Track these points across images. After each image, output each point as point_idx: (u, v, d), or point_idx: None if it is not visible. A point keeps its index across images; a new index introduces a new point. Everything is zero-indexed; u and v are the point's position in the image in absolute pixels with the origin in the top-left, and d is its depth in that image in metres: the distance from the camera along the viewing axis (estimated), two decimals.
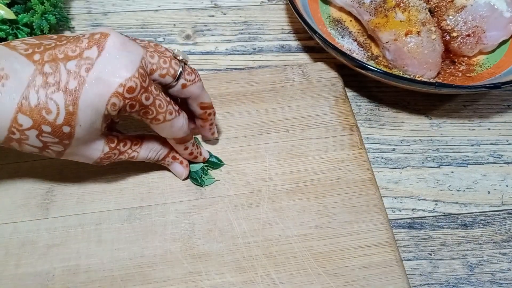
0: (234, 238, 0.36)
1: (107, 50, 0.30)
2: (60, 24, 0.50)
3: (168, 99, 0.33)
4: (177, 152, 0.38)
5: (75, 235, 0.36)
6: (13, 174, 0.39)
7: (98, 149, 0.33)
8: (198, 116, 0.38)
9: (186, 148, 0.37)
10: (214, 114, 0.38)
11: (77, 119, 0.30)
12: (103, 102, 0.29)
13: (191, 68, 0.35)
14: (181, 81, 0.34)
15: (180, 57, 0.34)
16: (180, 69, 0.33)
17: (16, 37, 0.44)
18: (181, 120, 0.34)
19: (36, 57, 0.30)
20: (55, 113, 0.29)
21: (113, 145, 0.34)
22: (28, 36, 0.45)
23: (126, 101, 0.30)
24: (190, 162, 0.39)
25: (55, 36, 0.32)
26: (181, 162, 0.38)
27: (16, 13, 0.44)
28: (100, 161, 0.34)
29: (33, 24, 0.45)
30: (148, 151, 0.36)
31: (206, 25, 0.54)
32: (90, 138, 0.32)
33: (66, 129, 0.30)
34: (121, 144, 0.34)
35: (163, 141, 0.37)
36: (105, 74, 0.29)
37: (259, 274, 0.34)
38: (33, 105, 0.29)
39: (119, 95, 0.29)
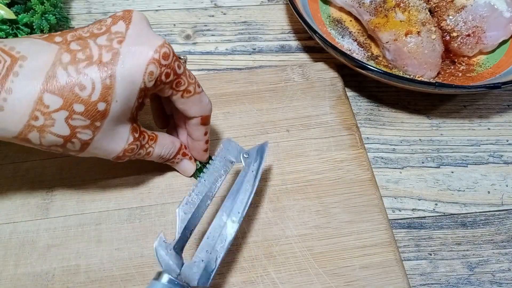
0: (234, 238, 0.36)
1: (134, 23, 0.30)
2: (60, 24, 0.50)
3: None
4: (186, 148, 0.38)
5: (75, 235, 0.36)
6: (13, 174, 0.39)
7: (124, 138, 0.32)
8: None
9: (206, 133, 0.36)
10: (209, 124, 0.37)
11: (114, 93, 0.28)
12: (141, 72, 0.29)
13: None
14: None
15: (182, 57, 0.35)
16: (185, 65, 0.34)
17: (16, 37, 0.44)
18: (206, 96, 0.34)
19: (58, 39, 0.29)
20: (90, 89, 0.27)
21: (136, 135, 0.33)
22: None
23: (163, 69, 0.30)
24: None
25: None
26: (190, 158, 0.38)
27: (16, 13, 0.44)
28: (123, 154, 0.32)
29: (33, 24, 0.45)
30: (161, 148, 0.35)
31: (206, 25, 0.54)
32: (121, 120, 0.30)
33: (102, 106, 0.28)
34: (141, 137, 0.33)
35: (173, 140, 0.37)
36: (139, 44, 0.29)
37: (259, 274, 0.34)
38: (64, 83, 0.27)
39: (156, 61, 0.29)
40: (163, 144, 0.36)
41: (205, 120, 0.35)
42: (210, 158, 0.39)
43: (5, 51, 0.27)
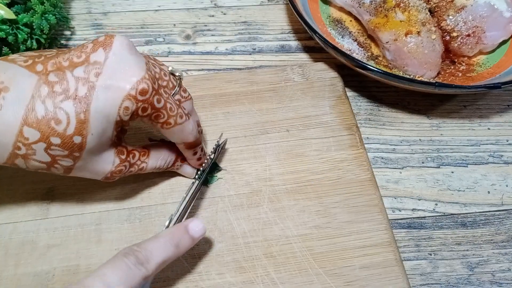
0: (234, 238, 0.36)
1: (114, 51, 0.29)
2: (60, 24, 0.50)
3: (177, 102, 0.32)
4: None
5: (75, 235, 0.36)
6: (13, 174, 0.39)
7: (109, 162, 0.32)
8: None
9: (195, 153, 0.36)
10: (197, 146, 0.36)
11: (89, 127, 0.28)
12: (116, 107, 0.28)
13: (184, 86, 0.35)
14: (177, 96, 0.33)
15: (177, 74, 0.34)
16: (178, 84, 0.33)
17: (16, 37, 0.44)
18: (191, 124, 0.33)
19: (39, 67, 0.29)
20: (65, 123, 0.28)
21: (123, 157, 0.33)
22: (28, 37, 0.45)
23: (139, 104, 0.29)
24: None
25: (55, 49, 0.31)
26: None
27: (16, 13, 0.44)
28: (111, 175, 0.33)
29: (33, 24, 0.45)
30: (156, 160, 0.35)
31: (206, 25, 0.54)
32: (101, 148, 0.31)
33: (77, 139, 0.29)
34: (130, 156, 0.33)
35: (169, 148, 0.36)
36: (116, 77, 0.28)
37: (259, 274, 0.34)
38: (40, 117, 0.27)
39: (132, 97, 0.28)
40: (158, 156, 0.35)
41: (188, 146, 0.35)
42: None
43: None
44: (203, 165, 0.37)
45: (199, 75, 0.47)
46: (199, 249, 0.35)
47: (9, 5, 0.44)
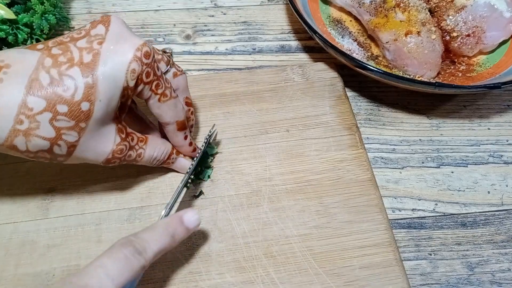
0: (234, 238, 0.36)
1: (113, 26, 0.30)
2: (60, 24, 0.50)
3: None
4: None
5: (75, 235, 0.36)
6: (13, 174, 0.39)
7: (110, 139, 0.31)
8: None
9: (186, 137, 0.37)
10: (187, 129, 0.37)
11: (97, 92, 0.28)
12: (123, 71, 0.29)
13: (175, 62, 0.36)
14: (173, 69, 0.35)
15: (168, 50, 0.35)
16: (170, 60, 0.35)
17: (16, 37, 0.44)
18: (181, 102, 0.35)
19: (40, 46, 0.29)
20: (72, 89, 0.28)
21: (123, 135, 0.32)
22: (28, 37, 0.45)
23: (144, 67, 0.30)
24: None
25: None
26: (184, 155, 0.38)
27: (16, 13, 0.44)
28: (112, 156, 0.32)
29: (33, 24, 0.45)
30: (153, 150, 0.36)
31: (206, 25, 0.54)
32: (105, 121, 0.30)
33: (85, 105, 0.28)
34: (129, 138, 0.33)
35: (165, 141, 0.37)
36: (119, 43, 0.29)
37: (259, 274, 0.34)
38: (46, 85, 0.27)
39: (138, 59, 0.29)
40: (155, 146, 0.36)
41: (180, 126, 0.35)
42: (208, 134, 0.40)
43: None
44: (195, 151, 0.38)
45: (199, 75, 0.47)
46: (199, 249, 0.35)
47: (9, 5, 0.44)
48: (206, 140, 0.38)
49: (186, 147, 0.38)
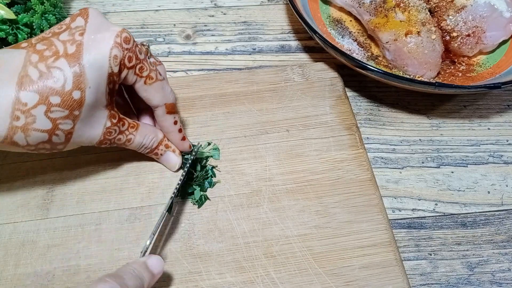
0: (234, 238, 0.36)
1: (91, 17, 0.31)
2: None
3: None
4: (169, 140, 0.38)
5: (75, 235, 0.36)
6: (13, 174, 0.39)
7: (101, 123, 0.33)
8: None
9: (175, 122, 0.37)
10: (177, 113, 0.38)
11: (86, 80, 0.30)
12: (106, 57, 0.30)
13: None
14: (152, 59, 0.36)
15: (144, 43, 0.36)
16: (149, 50, 0.36)
17: (16, 37, 0.44)
18: (169, 86, 0.36)
19: (23, 44, 0.30)
20: (62, 80, 0.29)
21: (115, 121, 0.34)
22: (28, 37, 0.45)
23: (125, 52, 0.31)
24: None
25: None
26: (173, 151, 0.38)
27: (16, 13, 0.44)
28: (103, 138, 0.33)
29: (33, 24, 0.45)
30: (143, 137, 0.36)
31: (206, 25, 0.54)
32: (98, 106, 0.32)
33: (77, 94, 0.30)
34: (120, 123, 0.34)
35: (155, 129, 0.37)
36: (100, 32, 0.31)
37: (259, 274, 0.34)
38: (36, 79, 0.28)
39: (118, 45, 0.31)
40: (145, 133, 0.36)
41: (170, 108, 0.36)
42: (193, 146, 0.39)
43: None
44: (185, 140, 0.38)
45: (199, 75, 0.47)
46: (199, 249, 0.35)
47: (9, 5, 0.44)
48: (190, 159, 0.37)
49: (175, 134, 0.38)
